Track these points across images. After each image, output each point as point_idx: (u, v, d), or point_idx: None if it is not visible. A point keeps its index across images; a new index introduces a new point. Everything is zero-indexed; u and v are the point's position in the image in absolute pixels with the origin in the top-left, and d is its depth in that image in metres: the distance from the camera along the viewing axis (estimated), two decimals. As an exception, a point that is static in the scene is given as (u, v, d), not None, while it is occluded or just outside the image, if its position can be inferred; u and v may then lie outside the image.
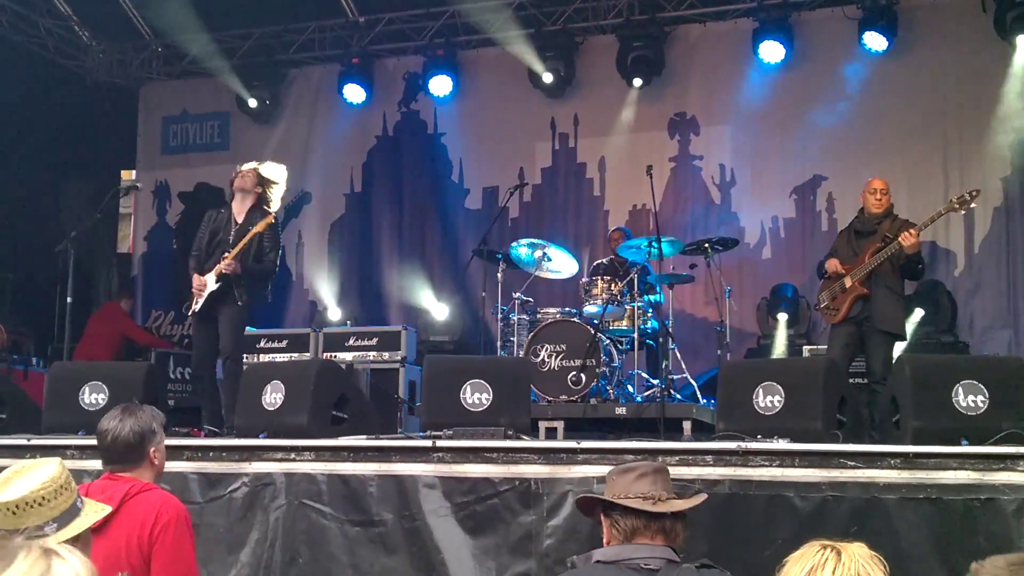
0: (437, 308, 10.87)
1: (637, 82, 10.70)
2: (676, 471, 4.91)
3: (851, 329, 6.88)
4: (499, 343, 8.39)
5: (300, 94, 12.21)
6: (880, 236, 6.88)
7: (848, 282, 6.91)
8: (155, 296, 12.46)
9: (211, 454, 5.66)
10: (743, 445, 4.95)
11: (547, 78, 10.87)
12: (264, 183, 7.29)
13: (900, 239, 6.70)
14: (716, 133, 10.72)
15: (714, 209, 10.61)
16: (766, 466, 4.87)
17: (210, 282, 7.03)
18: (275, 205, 7.32)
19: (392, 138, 11.90)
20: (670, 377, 7.80)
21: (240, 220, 7.20)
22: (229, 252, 7.03)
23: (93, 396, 6.52)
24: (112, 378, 6.59)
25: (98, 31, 12.25)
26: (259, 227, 7.05)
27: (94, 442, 3.59)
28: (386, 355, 8.72)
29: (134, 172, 12.84)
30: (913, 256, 6.76)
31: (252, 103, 11.93)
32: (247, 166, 7.35)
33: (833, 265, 7.03)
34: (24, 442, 6.01)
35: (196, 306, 7.10)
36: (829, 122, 10.21)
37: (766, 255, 10.44)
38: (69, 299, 7.49)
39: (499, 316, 8.39)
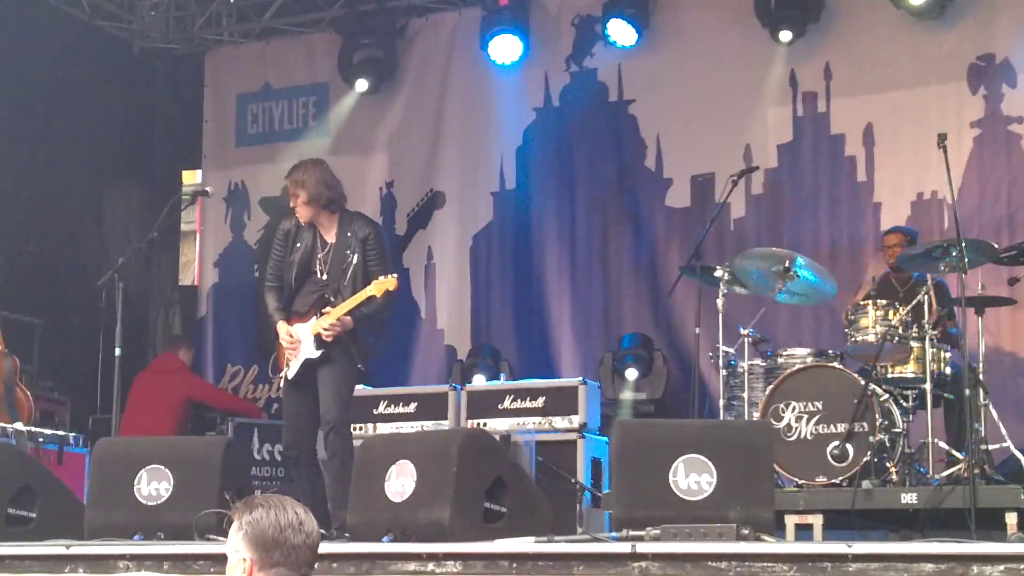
0: (632, 372, 10.82)
1: (920, 3, 10.46)
2: (1000, 587, 4.75)
3: None
4: (722, 401, 8.32)
5: (427, 53, 12.44)
6: None
7: None
8: (231, 345, 12.84)
9: (317, 565, 5.74)
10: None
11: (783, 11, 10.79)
12: (328, 181, 7.45)
13: None
14: (1042, 82, 10.41)
15: (1043, 195, 10.30)
16: None
17: (306, 343, 7.24)
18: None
19: (559, 110, 11.98)
20: (984, 448, 7.60)
21: (332, 239, 7.41)
22: (330, 302, 7.22)
23: (153, 486, 6.72)
24: (178, 460, 6.79)
25: (147, -20, 12.79)
26: (375, 289, 7.19)
27: (157, 549, 3.69)
28: (558, 421, 8.72)
29: (199, 173, 13.29)
30: None
31: (360, 76, 12.21)
32: (294, 175, 7.43)
33: None
34: (63, 551, 6.23)
35: (290, 372, 7.31)
36: None
37: None
38: (118, 351, 7.76)
39: (721, 362, 8.32)
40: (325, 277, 7.35)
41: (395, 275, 7.31)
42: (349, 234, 7.38)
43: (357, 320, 7.27)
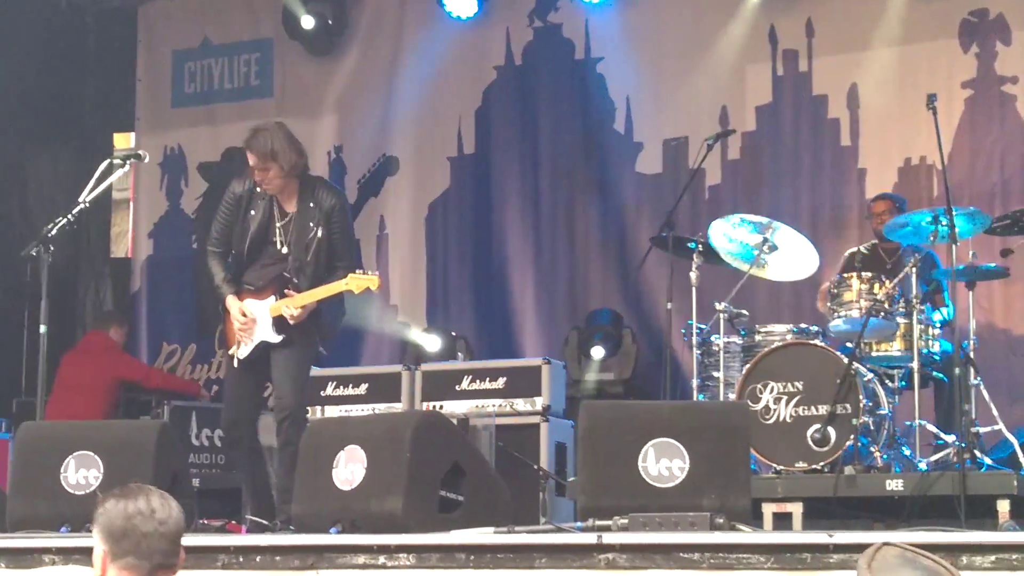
0: (599, 350, 10.84)
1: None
2: (991, 579, 4.77)
3: None
4: (695, 382, 8.34)
5: (379, 7, 12.40)
6: None
7: None
8: (167, 322, 12.79)
9: (258, 559, 5.75)
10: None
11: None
12: (299, 147, 7.33)
13: None
14: (1039, 40, 10.45)
15: (1038, 161, 10.36)
16: None
17: (263, 325, 7.19)
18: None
19: (521, 69, 11.97)
20: (974, 431, 7.63)
21: (292, 208, 7.32)
22: (292, 282, 7.18)
23: (82, 474, 6.70)
24: (109, 446, 6.77)
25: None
26: (353, 285, 7.14)
27: (86, 542, 3.66)
28: (520, 404, 8.74)
29: (132, 136, 13.22)
30: None
31: (307, 24, 12.17)
32: (260, 146, 7.21)
33: None
34: (-18, 544, 6.22)
35: (241, 352, 7.27)
36: None
37: None
38: (43, 328, 7.71)
39: (695, 339, 8.33)
40: (285, 250, 7.28)
41: (377, 274, 7.24)
42: (312, 204, 7.28)
43: (324, 309, 7.26)
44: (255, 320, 7.19)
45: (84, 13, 13.02)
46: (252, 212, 7.32)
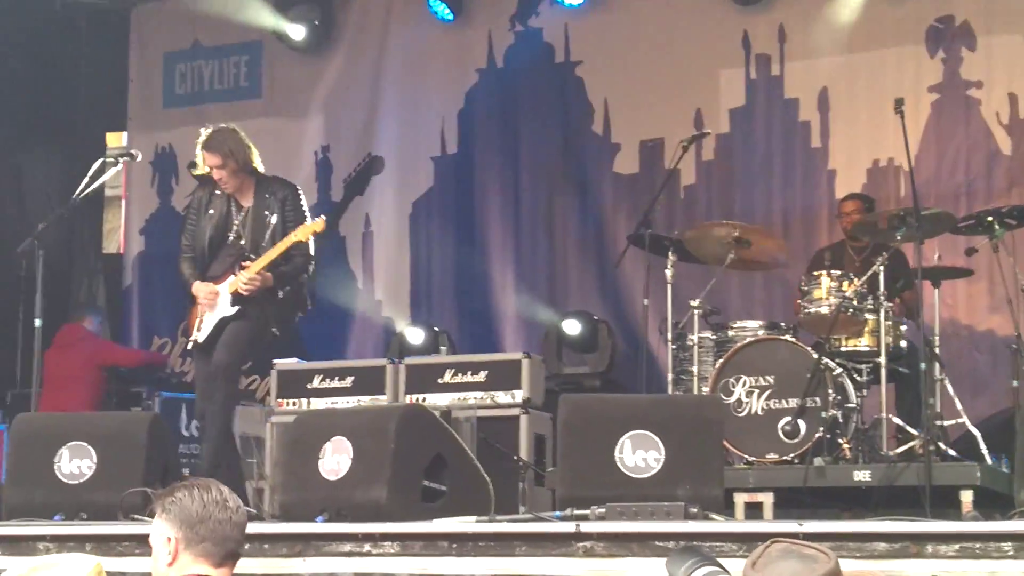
0: (574, 324, 10.87)
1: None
2: (954, 567, 4.79)
3: None
4: (671, 376, 8.36)
5: (364, 10, 12.39)
6: None
7: None
8: (157, 316, 12.75)
9: (247, 546, 5.72)
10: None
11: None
12: (242, 144, 7.63)
13: None
14: (1003, 46, 10.48)
15: (1001, 162, 10.39)
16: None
17: (223, 300, 7.36)
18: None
19: (502, 71, 11.96)
20: (939, 424, 7.67)
21: (248, 202, 7.55)
22: (247, 257, 7.26)
23: (75, 464, 6.70)
24: (102, 437, 6.77)
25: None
26: (301, 234, 7.31)
27: (80, 529, 3.67)
28: (500, 396, 8.74)
29: (125, 135, 13.18)
30: None
31: (296, 34, 12.15)
32: (219, 146, 7.61)
33: None
34: (-22, 531, 6.21)
35: (200, 334, 7.34)
36: None
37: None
38: (38, 322, 7.71)
39: (670, 335, 8.35)
40: (243, 242, 7.47)
41: (322, 217, 7.42)
42: (267, 195, 7.55)
43: (277, 278, 7.37)
44: (218, 293, 7.36)
45: (77, 15, 12.95)
46: (210, 211, 7.59)
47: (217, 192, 7.58)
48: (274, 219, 7.47)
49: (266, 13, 12.06)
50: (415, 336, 10.90)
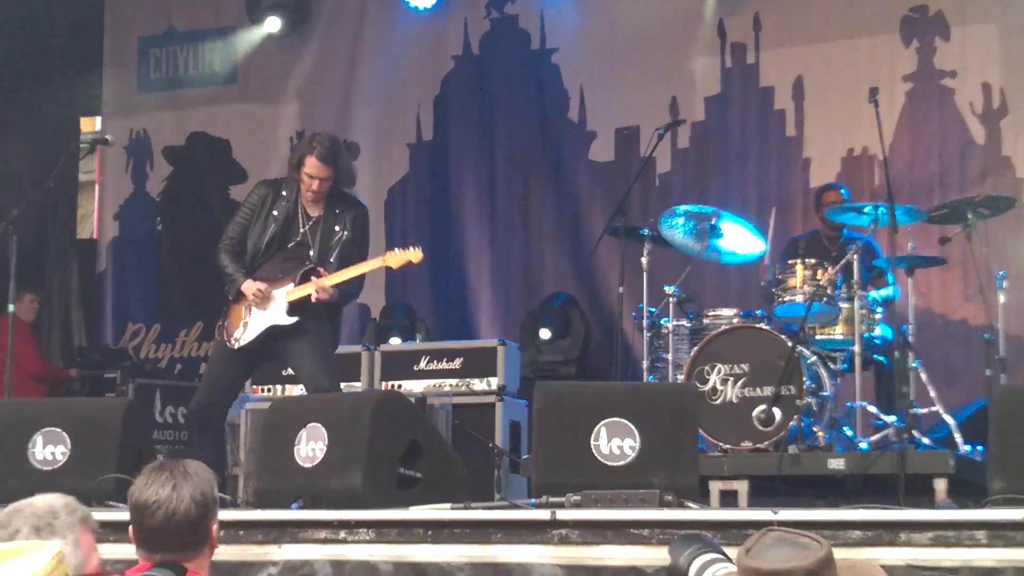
0: (547, 307, 10.88)
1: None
2: (928, 555, 4.80)
3: None
4: (645, 363, 8.36)
5: (339, -3, 12.38)
6: None
7: None
8: (132, 302, 12.73)
9: (222, 533, 5.70)
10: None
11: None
12: (351, 169, 7.51)
13: None
14: (977, 36, 10.50)
15: (975, 152, 10.42)
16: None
17: (277, 307, 7.15)
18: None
19: (478, 58, 11.96)
20: (912, 412, 7.66)
21: (317, 212, 7.32)
22: (317, 272, 7.15)
23: (49, 450, 6.64)
24: (75, 423, 6.70)
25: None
26: (392, 261, 7.27)
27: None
28: (476, 383, 8.74)
29: (99, 120, 13.14)
30: None
31: (272, 27, 12.13)
32: (334, 159, 7.28)
33: None
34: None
35: (245, 336, 7.21)
36: None
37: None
38: (11, 307, 7.69)
39: (645, 322, 8.36)
40: (312, 252, 7.25)
41: (419, 248, 7.31)
42: (338, 210, 7.33)
43: (342, 296, 7.25)
44: (271, 296, 7.14)
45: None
46: (275, 212, 7.30)
47: (284, 194, 7.30)
48: (345, 234, 7.28)
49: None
50: (390, 324, 10.91)
